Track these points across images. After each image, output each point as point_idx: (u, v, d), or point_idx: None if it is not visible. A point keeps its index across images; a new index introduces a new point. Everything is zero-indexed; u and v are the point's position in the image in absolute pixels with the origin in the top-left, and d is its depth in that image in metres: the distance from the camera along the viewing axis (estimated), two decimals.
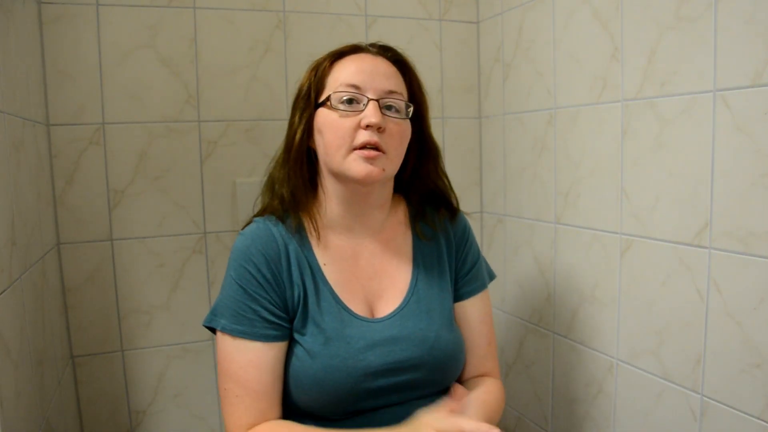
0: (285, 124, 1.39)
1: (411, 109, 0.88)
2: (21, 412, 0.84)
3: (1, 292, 0.79)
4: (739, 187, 0.86)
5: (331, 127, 0.84)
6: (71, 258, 1.24)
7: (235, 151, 1.35)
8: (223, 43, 1.32)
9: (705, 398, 0.94)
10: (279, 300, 0.84)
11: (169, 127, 1.29)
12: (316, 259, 0.88)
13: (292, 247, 0.87)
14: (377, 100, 0.83)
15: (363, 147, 0.82)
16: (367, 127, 0.82)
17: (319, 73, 0.88)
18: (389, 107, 0.85)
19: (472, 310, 0.97)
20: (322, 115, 0.86)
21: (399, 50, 0.92)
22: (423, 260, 0.94)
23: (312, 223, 0.89)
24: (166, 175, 1.30)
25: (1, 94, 0.87)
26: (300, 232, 0.89)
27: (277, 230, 0.88)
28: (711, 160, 0.90)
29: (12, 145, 0.91)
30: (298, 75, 1.37)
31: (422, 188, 0.98)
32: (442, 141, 1.53)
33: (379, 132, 0.83)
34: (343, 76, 0.85)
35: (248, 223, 0.92)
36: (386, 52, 0.91)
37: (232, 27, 1.32)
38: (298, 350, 0.84)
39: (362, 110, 0.83)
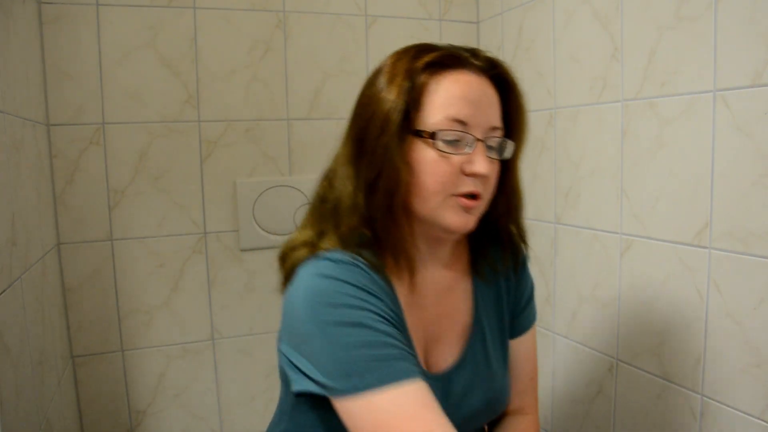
0: (285, 124, 1.41)
1: (510, 148, 0.75)
2: (21, 412, 0.84)
3: (1, 292, 0.79)
4: (739, 187, 0.86)
5: (430, 170, 0.69)
6: (71, 258, 1.24)
7: (235, 151, 1.35)
8: (223, 43, 1.32)
9: (705, 398, 0.94)
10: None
11: (169, 127, 1.29)
12: (399, 303, 0.73)
13: (385, 287, 0.71)
14: (483, 141, 0.71)
15: (463, 195, 0.71)
16: (472, 174, 0.70)
17: (416, 89, 0.70)
18: (490, 147, 0.72)
19: (520, 346, 0.88)
20: (416, 149, 0.70)
21: (505, 66, 0.76)
22: (483, 302, 0.83)
23: (395, 260, 0.74)
24: (166, 175, 1.30)
25: (1, 94, 0.87)
26: (381, 271, 0.71)
27: (365, 267, 0.70)
28: (711, 160, 0.90)
29: (12, 145, 0.91)
30: (298, 75, 1.39)
31: (491, 229, 0.82)
32: None
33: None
34: (446, 105, 0.69)
35: (295, 262, 0.73)
36: (491, 69, 0.74)
37: (232, 27, 1.32)
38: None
39: (467, 153, 0.70)
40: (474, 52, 0.75)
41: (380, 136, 0.69)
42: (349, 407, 0.61)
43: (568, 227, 1.25)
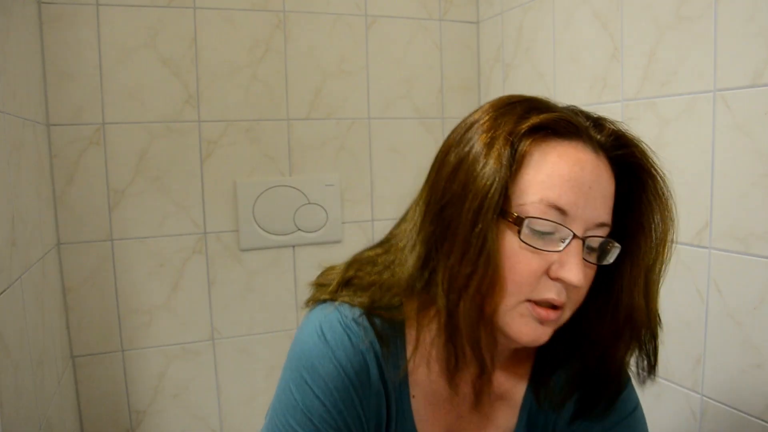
0: (285, 124, 1.41)
1: (615, 253, 0.58)
2: (21, 412, 0.84)
3: (1, 292, 0.79)
4: (739, 187, 0.86)
5: (508, 263, 0.55)
6: (71, 258, 1.24)
7: (235, 151, 1.35)
8: (223, 43, 1.32)
9: (705, 398, 0.94)
10: None
11: (169, 127, 1.29)
12: (408, 390, 0.64)
13: (384, 370, 0.62)
14: (582, 239, 0.55)
15: (541, 302, 0.56)
16: (559, 280, 0.55)
17: (516, 158, 0.54)
18: (589, 248, 0.57)
19: None
20: (497, 233, 0.54)
21: (640, 146, 0.59)
22: (529, 421, 0.68)
23: (417, 342, 0.63)
24: (166, 175, 1.30)
25: (1, 94, 0.87)
26: (398, 349, 0.62)
27: (370, 343, 0.61)
28: (711, 160, 0.90)
29: (12, 145, 0.91)
30: (298, 75, 1.39)
31: (572, 357, 0.65)
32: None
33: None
34: (547, 185, 0.54)
35: (317, 298, 0.66)
36: (617, 149, 0.58)
37: (232, 27, 1.32)
38: None
39: (559, 250, 0.54)
40: (598, 122, 0.59)
41: (475, 221, 0.53)
42: None
43: None
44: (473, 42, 1.55)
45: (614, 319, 0.61)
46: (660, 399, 1.03)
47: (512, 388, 0.68)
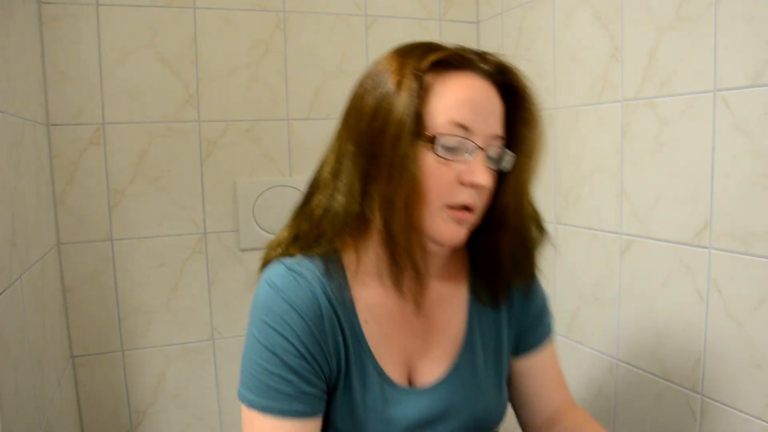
0: (285, 124, 1.41)
1: (509, 159, 0.70)
2: (21, 412, 0.84)
3: (1, 292, 0.79)
4: (739, 187, 0.86)
5: (427, 176, 0.66)
6: (71, 258, 1.24)
7: (235, 151, 1.35)
8: (223, 43, 1.32)
9: (705, 398, 0.94)
10: (321, 371, 0.69)
11: (169, 127, 1.29)
12: (357, 316, 0.72)
13: (333, 301, 0.70)
14: (484, 150, 0.67)
15: (457, 206, 0.67)
16: (471, 184, 0.67)
17: (423, 90, 0.65)
18: (489, 157, 0.69)
19: (539, 360, 0.84)
20: (416, 154, 0.66)
21: (517, 74, 0.71)
22: (478, 317, 0.79)
23: (358, 268, 0.73)
24: (166, 175, 1.30)
25: (1, 94, 0.87)
26: (340, 279, 0.72)
27: (315, 280, 0.70)
28: (711, 160, 0.90)
29: (12, 145, 0.91)
30: (298, 75, 1.39)
31: (493, 250, 0.76)
32: None
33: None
34: (449, 108, 0.66)
35: (267, 259, 0.76)
36: (499, 75, 0.70)
37: (232, 27, 1.32)
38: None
39: (467, 161, 0.66)
40: (483, 56, 0.70)
41: (396, 146, 0.64)
42: (243, 413, 0.72)
43: (568, 227, 1.25)
44: (473, 42, 1.55)
45: (503, 215, 0.73)
46: (660, 399, 1.03)
47: (455, 295, 0.79)
